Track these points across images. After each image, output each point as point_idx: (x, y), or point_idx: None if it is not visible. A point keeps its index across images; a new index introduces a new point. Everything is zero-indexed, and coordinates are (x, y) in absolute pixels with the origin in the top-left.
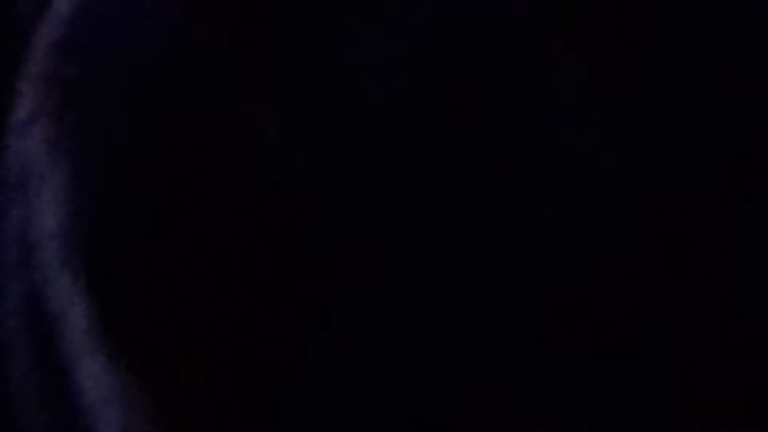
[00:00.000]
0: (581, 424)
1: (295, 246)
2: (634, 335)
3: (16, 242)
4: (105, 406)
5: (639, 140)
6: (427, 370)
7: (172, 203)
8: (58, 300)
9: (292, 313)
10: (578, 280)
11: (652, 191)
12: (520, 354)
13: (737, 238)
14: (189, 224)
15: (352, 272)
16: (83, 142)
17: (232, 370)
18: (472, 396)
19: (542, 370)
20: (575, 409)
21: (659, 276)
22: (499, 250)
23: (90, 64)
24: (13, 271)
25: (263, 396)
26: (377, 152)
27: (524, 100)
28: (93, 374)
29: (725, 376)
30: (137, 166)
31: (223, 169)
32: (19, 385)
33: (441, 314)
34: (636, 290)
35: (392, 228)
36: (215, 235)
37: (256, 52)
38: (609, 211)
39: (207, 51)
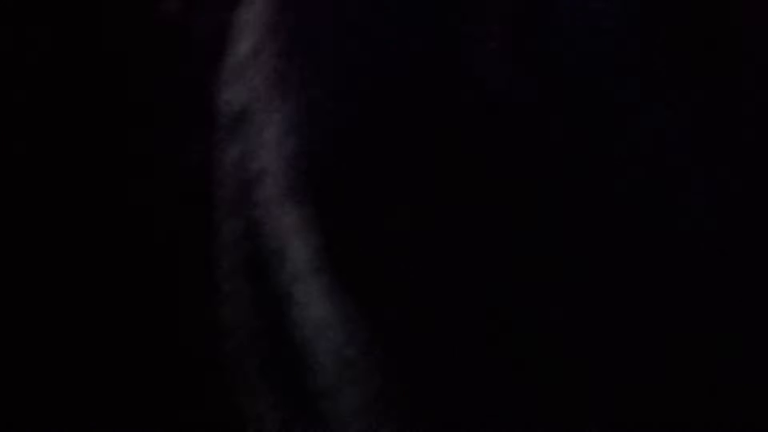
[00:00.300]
0: None
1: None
2: None
3: (234, 179)
4: (324, 335)
5: None
6: None
7: (400, 140)
8: (280, 233)
9: (506, 249)
10: None
11: None
12: None
13: None
14: (414, 160)
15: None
16: (312, 77)
17: (449, 303)
18: None
19: None
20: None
21: None
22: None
23: (308, 9)
24: (229, 207)
25: (478, 327)
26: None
27: None
28: (313, 305)
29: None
30: (367, 103)
31: (456, 110)
32: (234, 320)
33: None
34: None
35: (619, 169)
36: (439, 172)
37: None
38: None
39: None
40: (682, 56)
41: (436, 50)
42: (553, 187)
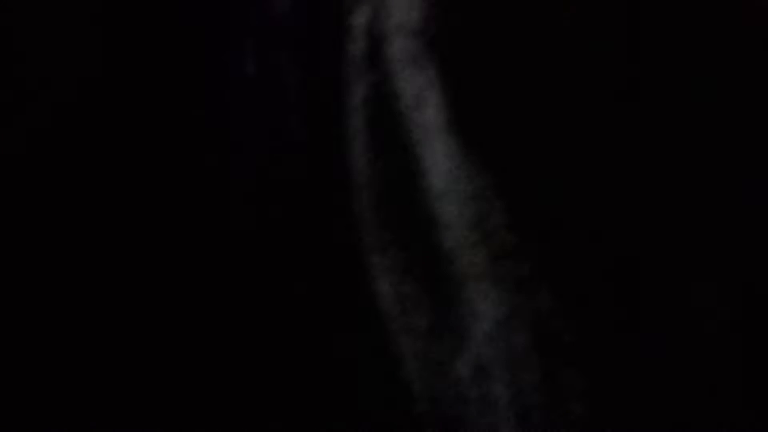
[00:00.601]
0: None
1: None
2: None
3: (366, 38)
4: (449, 194)
5: None
6: None
7: (526, 7)
8: (410, 91)
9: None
10: None
11: None
12: None
13: None
14: (538, 28)
15: None
16: None
17: (567, 163)
18: None
19: None
20: None
21: None
22: None
23: None
24: (359, 67)
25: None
26: None
27: None
28: (439, 163)
29: None
30: None
31: None
32: (362, 179)
33: None
34: None
35: None
36: (561, 41)
37: None
38: None
39: None
40: None
41: None
42: None
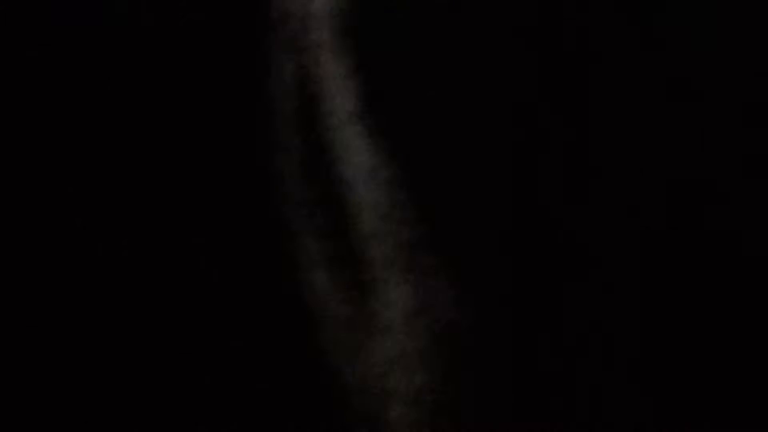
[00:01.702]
0: None
1: None
2: None
3: (293, 19)
4: (363, 181)
5: None
6: None
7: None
8: (325, 79)
9: None
10: None
11: None
12: None
13: None
14: (455, 22)
15: None
16: None
17: (484, 156)
18: None
19: None
20: None
21: None
22: None
23: None
24: (286, 49)
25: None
26: None
27: None
28: (353, 150)
29: None
30: None
31: None
32: (284, 168)
33: None
34: None
35: None
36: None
37: None
38: None
39: None
40: None
41: None
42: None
